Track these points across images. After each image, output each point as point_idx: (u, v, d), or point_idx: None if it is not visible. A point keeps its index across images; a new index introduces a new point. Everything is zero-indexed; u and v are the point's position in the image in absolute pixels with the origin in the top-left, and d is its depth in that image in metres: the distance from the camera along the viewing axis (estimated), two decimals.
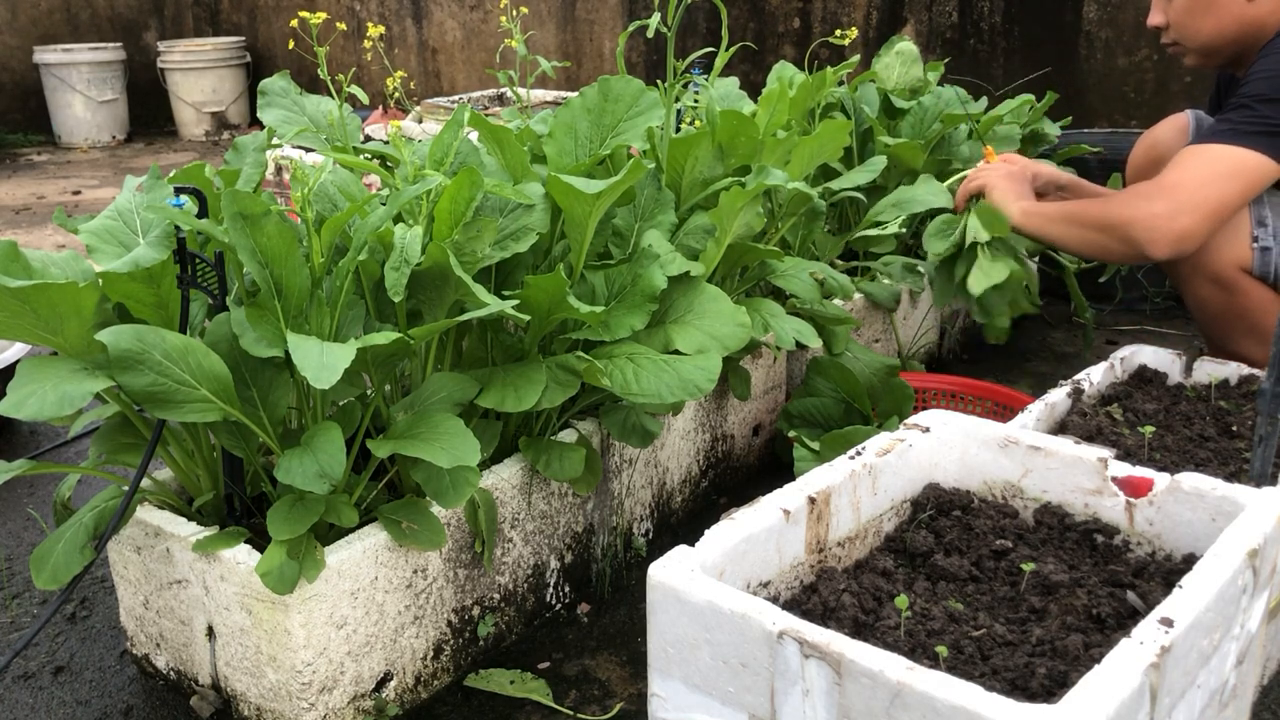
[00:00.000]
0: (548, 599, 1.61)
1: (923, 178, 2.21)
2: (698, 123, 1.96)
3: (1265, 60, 1.79)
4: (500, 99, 4.40)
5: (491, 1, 5.53)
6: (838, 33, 2.24)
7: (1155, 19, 1.98)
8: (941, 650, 1.02)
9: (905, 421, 1.35)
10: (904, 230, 2.23)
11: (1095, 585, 1.14)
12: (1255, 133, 1.74)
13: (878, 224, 2.20)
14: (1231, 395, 1.60)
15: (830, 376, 1.90)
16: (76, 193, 5.08)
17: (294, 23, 1.80)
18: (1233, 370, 1.64)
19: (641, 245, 1.62)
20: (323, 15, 1.59)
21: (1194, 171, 1.77)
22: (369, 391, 1.43)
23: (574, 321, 1.51)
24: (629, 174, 1.46)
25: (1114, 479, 1.24)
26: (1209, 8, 1.88)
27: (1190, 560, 1.15)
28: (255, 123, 6.58)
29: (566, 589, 1.64)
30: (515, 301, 1.36)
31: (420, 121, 3.92)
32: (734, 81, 2.28)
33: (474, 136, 1.63)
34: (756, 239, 1.82)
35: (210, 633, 1.38)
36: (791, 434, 1.82)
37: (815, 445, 1.73)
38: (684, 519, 1.88)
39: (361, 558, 1.31)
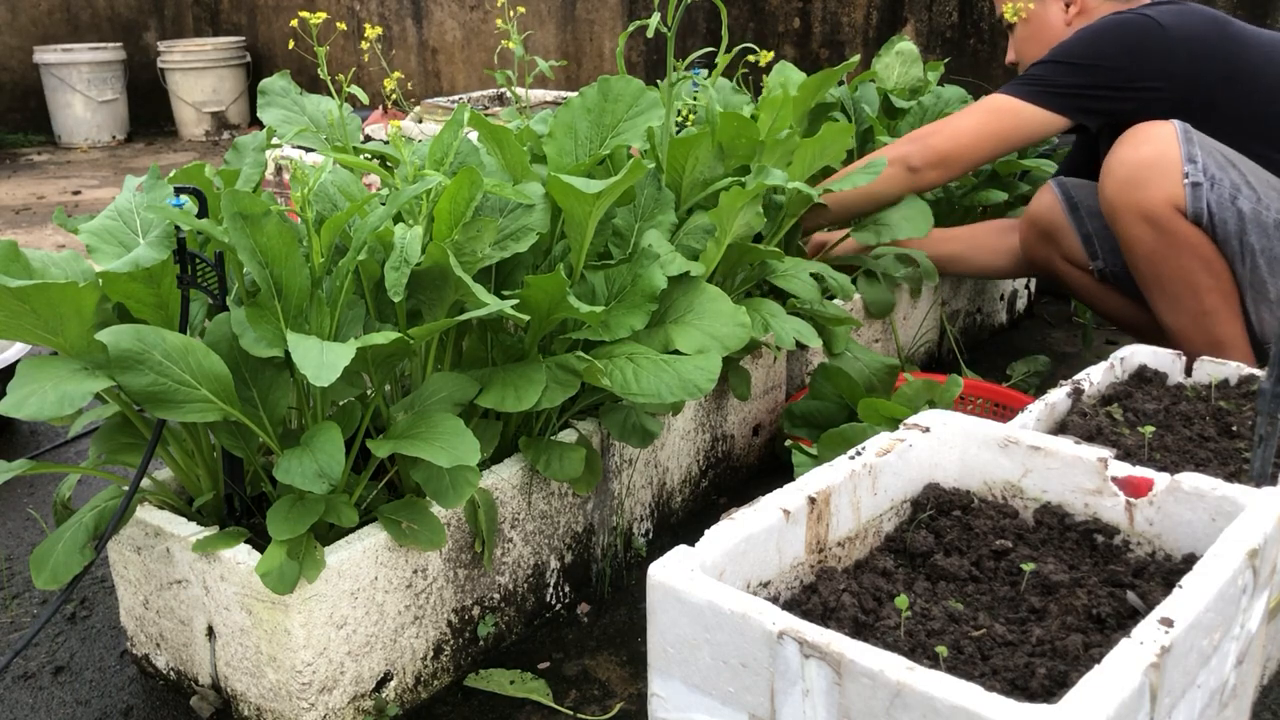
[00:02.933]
0: (548, 599, 1.61)
1: (908, 198, 2.20)
2: (691, 120, 1.96)
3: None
4: (500, 99, 4.40)
5: (491, 1, 5.53)
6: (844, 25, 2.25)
7: (1009, 57, 2.29)
8: (941, 650, 1.02)
9: (905, 421, 1.35)
10: None
11: (1095, 585, 1.14)
12: (1026, 84, 2.01)
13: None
14: (1231, 395, 1.60)
15: (834, 381, 1.90)
16: (76, 193, 5.08)
17: (294, 23, 1.80)
18: (1233, 370, 1.64)
19: (641, 245, 1.62)
20: (323, 15, 1.59)
21: (965, 111, 2.09)
22: (369, 391, 1.43)
23: (574, 321, 1.51)
24: (629, 174, 1.46)
25: (1114, 479, 1.24)
26: (1035, 37, 2.19)
27: (1190, 560, 1.15)
28: (255, 123, 6.58)
29: (566, 589, 1.64)
30: (515, 301, 1.36)
31: (420, 121, 3.92)
32: (731, 83, 2.28)
33: (474, 136, 1.63)
34: (756, 240, 1.82)
35: (210, 633, 1.38)
36: (788, 443, 1.82)
37: (813, 452, 1.73)
38: (684, 519, 1.88)
39: (361, 558, 1.31)
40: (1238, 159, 1.88)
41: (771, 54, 2.01)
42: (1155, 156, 1.86)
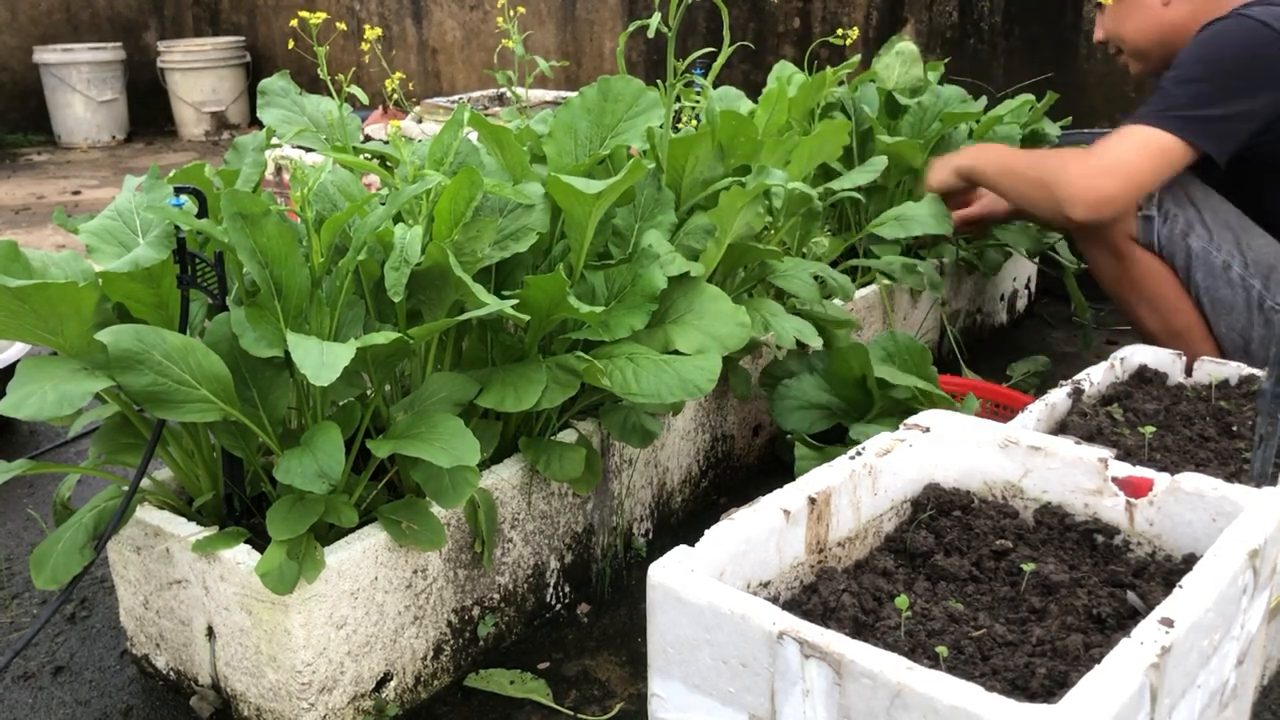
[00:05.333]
0: (548, 599, 1.61)
1: (929, 197, 2.21)
2: (693, 122, 1.95)
3: (1184, 50, 1.91)
4: (500, 99, 4.40)
5: (491, 1, 5.53)
6: (839, 32, 2.23)
7: (1098, 35, 2.16)
8: (942, 650, 1.02)
9: (905, 421, 1.35)
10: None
11: (1095, 585, 1.14)
12: (1170, 115, 1.85)
13: (875, 236, 2.21)
14: (1232, 395, 1.60)
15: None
16: (76, 193, 5.08)
17: (294, 22, 1.80)
18: (1233, 370, 1.64)
19: (641, 245, 1.62)
20: (322, 15, 1.58)
21: (1123, 146, 1.89)
22: (369, 391, 1.43)
23: (574, 321, 1.51)
24: (629, 174, 1.46)
25: (1114, 479, 1.23)
26: (1130, 13, 2.05)
27: (1190, 560, 1.15)
28: (255, 123, 6.57)
29: (566, 589, 1.64)
30: (515, 301, 1.36)
31: (420, 121, 3.92)
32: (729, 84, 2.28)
33: (474, 136, 1.63)
34: (756, 239, 1.81)
35: (210, 633, 1.37)
36: (790, 437, 1.82)
37: (817, 445, 1.73)
38: (684, 519, 1.88)
39: (361, 558, 1.31)
40: (1202, 197, 1.89)
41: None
42: None
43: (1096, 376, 1.59)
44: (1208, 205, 1.89)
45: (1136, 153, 1.87)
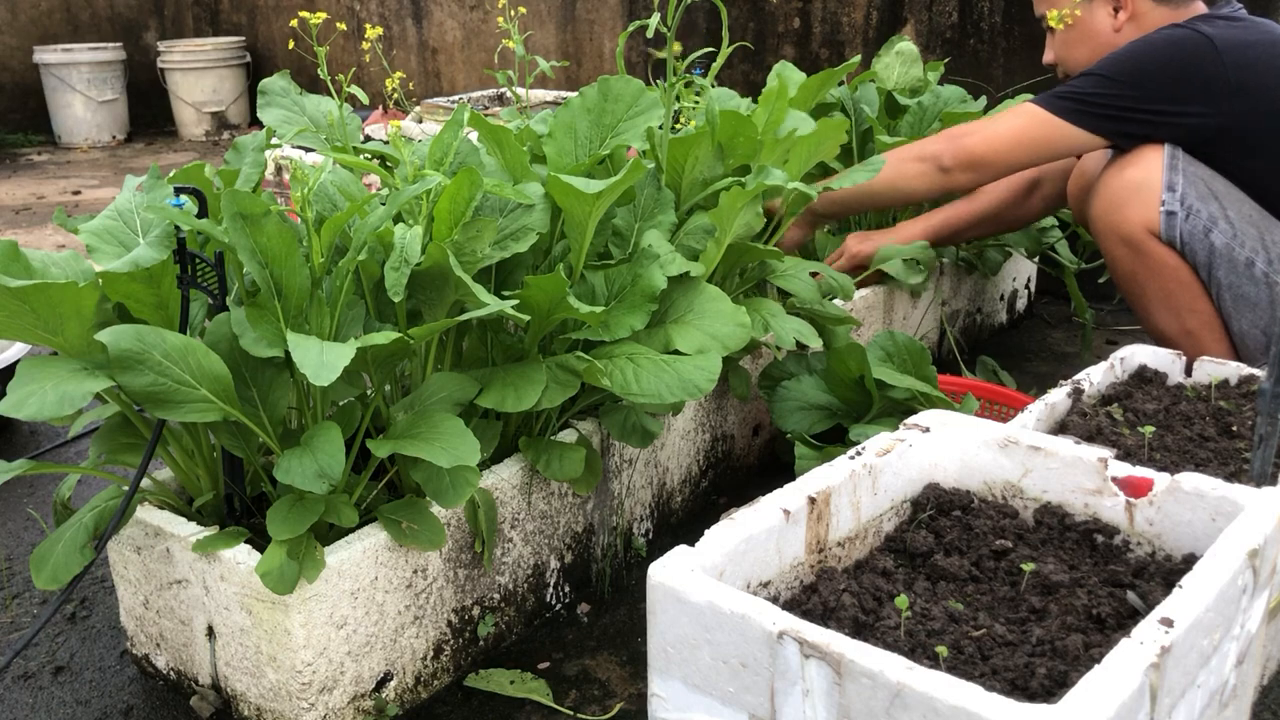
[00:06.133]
0: (548, 599, 1.61)
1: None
2: (691, 123, 1.95)
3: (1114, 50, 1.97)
4: (500, 99, 4.40)
5: (491, 1, 5.53)
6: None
7: (1047, 57, 2.17)
8: (941, 650, 1.02)
9: (905, 422, 1.35)
10: None
11: (1095, 585, 1.14)
12: (1064, 99, 1.92)
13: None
14: (1231, 395, 1.60)
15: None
16: (76, 193, 5.08)
17: (294, 23, 1.80)
18: (1233, 370, 1.64)
19: (641, 245, 1.62)
20: (322, 15, 1.58)
21: (1003, 116, 2.01)
22: (369, 391, 1.43)
23: (574, 321, 1.51)
24: (629, 174, 1.46)
25: (1114, 479, 1.24)
26: (1081, 40, 2.08)
27: (1190, 560, 1.15)
28: (255, 123, 6.57)
29: (566, 589, 1.64)
30: (515, 301, 1.36)
31: (420, 121, 3.92)
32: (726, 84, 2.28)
33: (474, 136, 1.63)
34: (756, 239, 1.82)
35: (210, 633, 1.38)
36: (789, 436, 1.82)
37: (817, 444, 1.73)
38: (684, 519, 1.88)
39: (361, 558, 1.31)
40: (1225, 191, 1.87)
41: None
42: (1138, 181, 1.88)
43: (1096, 376, 1.59)
44: (1231, 200, 1.86)
45: (1008, 118, 1.98)
